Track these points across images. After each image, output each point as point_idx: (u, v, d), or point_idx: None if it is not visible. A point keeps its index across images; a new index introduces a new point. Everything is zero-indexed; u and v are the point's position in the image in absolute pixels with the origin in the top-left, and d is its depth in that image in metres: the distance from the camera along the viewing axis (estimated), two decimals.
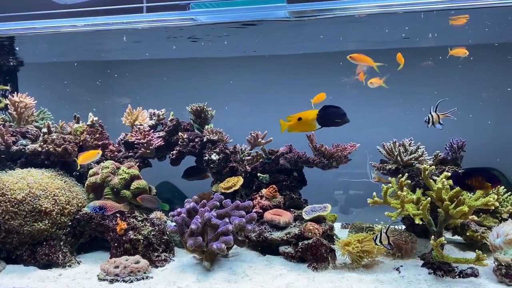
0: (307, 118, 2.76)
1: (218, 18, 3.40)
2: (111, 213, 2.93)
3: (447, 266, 2.60)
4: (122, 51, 5.22)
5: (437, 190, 2.61)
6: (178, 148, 3.60)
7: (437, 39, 4.45)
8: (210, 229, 2.79)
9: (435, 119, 2.77)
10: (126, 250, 2.85)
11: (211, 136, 3.57)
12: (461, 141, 3.25)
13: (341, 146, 3.33)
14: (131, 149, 3.64)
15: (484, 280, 2.53)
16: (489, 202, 2.47)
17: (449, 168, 3.16)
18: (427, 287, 2.46)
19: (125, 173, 3.15)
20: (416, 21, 4.00)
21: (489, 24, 4.08)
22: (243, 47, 4.93)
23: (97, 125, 3.68)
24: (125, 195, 3.09)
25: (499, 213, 3.01)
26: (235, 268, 2.75)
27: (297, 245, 2.83)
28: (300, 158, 3.33)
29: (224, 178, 3.47)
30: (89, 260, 3.02)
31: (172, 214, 2.88)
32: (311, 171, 3.47)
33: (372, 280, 2.56)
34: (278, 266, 2.79)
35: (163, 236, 3.00)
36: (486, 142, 4.22)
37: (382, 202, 2.73)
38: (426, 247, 3.04)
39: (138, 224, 2.94)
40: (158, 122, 3.85)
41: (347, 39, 4.54)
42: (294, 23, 3.79)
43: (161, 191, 4.01)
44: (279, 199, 3.23)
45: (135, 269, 2.62)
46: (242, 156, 3.55)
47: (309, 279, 2.58)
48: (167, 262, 2.90)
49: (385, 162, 3.32)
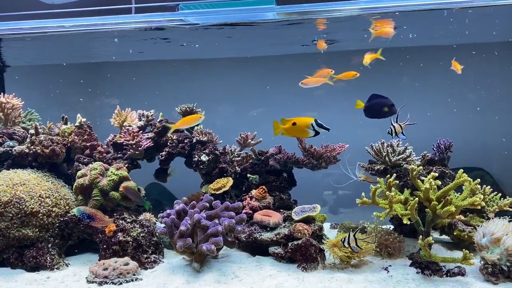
0: (302, 125, 2.77)
1: (207, 19, 3.40)
2: (97, 226, 2.87)
3: (434, 265, 2.63)
4: (110, 52, 5.18)
5: (424, 190, 2.64)
6: (167, 149, 3.59)
7: (421, 40, 4.51)
8: (199, 230, 2.79)
9: (397, 130, 2.79)
10: (115, 252, 2.83)
11: (200, 137, 3.56)
12: (448, 141, 3.29)
13: (330, 147, 3.35)
14: (120, 151, 3.62)
15: (471, 279, 2.56)
16: (476, 202, 2.50)
17: (437, 169, 3.19)
18: (415, 286, 2.49)
19: (113, 174, 3.13)
20: (405, 21, 4.05)
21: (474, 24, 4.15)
22: (233, 48, 4.93)
23: (86, 126, 3.65)
24: (113, 197, 3.07)
25: (486, 212, 3.05)
26: (225, 269, 2.75)
27: (287, 245, 2.84)
28: (289, 158, 3.34)
29: (213, 179, 3.46)
30: (77, 262, 3.00)
31: (162, 216, 2.87)
32: (300, 171, 3.49)
33: (361, 280, 2.58)
34: (268, 267, 2.80)
35: (152, 238, 2.98)
36: (471, 142, 4.28)
37: (370, 202, 2.75)
38: (414, 246, 3.07)
39: (127, 225, 2.93)
40: (147, 123, 3.83)
41: (338, 40, 4.56)
42: (283, 24, 3.81)
43: (150, 192, 4.00)
44: (268, 200, 3.23)
45: (124, 271, 2.61)
46: (231, 157, 3.55)
47: (299, 280, 2.60)
48: (157, 263, 2.89)
49: (373, 162, 3.35)
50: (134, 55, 5.30)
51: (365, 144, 3.35)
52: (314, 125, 2.73)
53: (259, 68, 5.09)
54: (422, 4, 3.13)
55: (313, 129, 2.73)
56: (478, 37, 4.45)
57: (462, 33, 4.38)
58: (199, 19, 3.35)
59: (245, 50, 5.00)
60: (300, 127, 2.77)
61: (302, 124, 2.76)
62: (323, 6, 3.03)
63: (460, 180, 2.59)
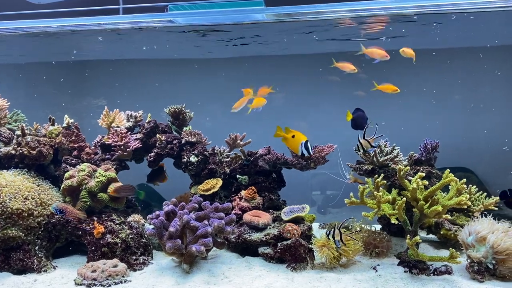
0: (297, 140, 3.07)
1: (195, 20, 3.40)
2: (69, 217, 2.92)
3: (422, 264, 2.66)
4: (98, 51, 5.14)
5: (412, 190, 2.67)
6: (156, 150, 3.58)
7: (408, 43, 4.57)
8: (189, 231, 2.78)
9: (365, 146, 2.96)
10: (104, 253, 2.81)
11: (189, 138, 3.56)
12: (435, 142, 3.34)
13: (319, 147, 3.37)
14: (108, 152, 3.59)
15: (457, 277, 2.60)
16: (462, 201, 2.54)
17: (423, 169, 3.24)
18: (403, 285, 2.52)
19: (102, 176, 3.11)
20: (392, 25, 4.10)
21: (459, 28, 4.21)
22: (222, 48, 4.92)
23: (73, 127, 3.62)
24: (102, 198, 3.05)
25: (471, 211, 3.10)
26: (214, 270, 2.75)
27: (276, 246, 2.85)
28: (278, 159, 3.35)
29: (203, 180, 3.46)
30: (65, 264, 2.97)
31: (150, 217, 2.86)
32: (289, 172, 3.50)
33: (350, 279, 2.60)
34: (257, 267, 2.81)
35: (141, 239, 2.97)
36: (456, 143, 4.34)
37: (359, 202, 2.78)
38: (401, 246, 3.11)
39: (115, 227, 2.92)
40: (136, 124, 3.81)
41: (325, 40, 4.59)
42: (273, 25, 3.83)
43: None
44: (258, 200, 3.24)
45: (113, 273, 2.59)
46: (221, 158, 3.56)
47: (288, 280, 2.61)
48: (146, 265, 2.88)
49: (361, 162, 3.38)
50: (122, 54, 5.27)
51: (353, 144, 3.38)
52: (303, 146, 3.03)
53: (248, 68, 5.10)
54: (410, 6, 3.17)
55: (301, 148, 3.03)
56: (465, 41, 4.53)
57: (447, 37, 4.45)
58: (188, 20, 3.34)
59: (234, 50, 5.00)
60: (296, 142, 3.07)
61: (297, 140, 3.06)
62: (311, 8, 3.04)
63: (447, 180, 2.63)
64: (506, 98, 4.43)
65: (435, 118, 4.61)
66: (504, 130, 4.05)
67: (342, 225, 2.63)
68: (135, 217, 3.27)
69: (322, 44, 4.64)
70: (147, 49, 4.87)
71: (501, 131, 4.44)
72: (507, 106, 4.07)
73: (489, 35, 4.30)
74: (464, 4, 3.29)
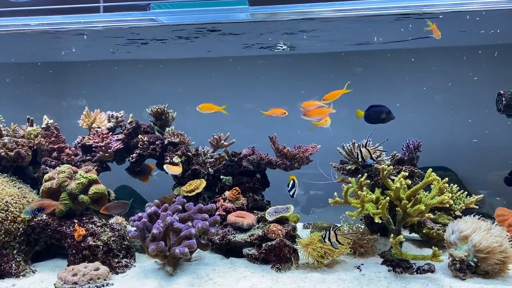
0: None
1: (179, 19, 3.36)
2: (49, 211, 2.85)
3: (405, 263, 2.69)
4: (79, 51, 5.05)
5: (395, 189, 2.69)
6: (138, 151, 3.53)
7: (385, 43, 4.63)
8: (172, 233, 2.75)
9: (365, 155, 2.91)
10: (85, 257, 2.76)
11: (172, 138, 3.52)
12: (417, 141, 3.37)
13: (303, 148, 3.38)
14: (89, 153, 3.53)
15: (440, 276, 2.63)
16: (445, 200, 2.57)
17: (406, 168, 3.26)
18: (387, 284, 2.53)
19: (82, 177, 3.05)
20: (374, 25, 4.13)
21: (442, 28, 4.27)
22: (205, 48, 4.90)
23: (53, 128, 3.54)
24: (83, 200, 2.98)
25: (453, 210, 3.14)
26: (199, 272, 2.72)
27: (261, 246, 2.84)
28: (262, 159, 3.34)
29: (186, 181, 3.43)
30: (45, 268, 2.90)
31: (133, 219, 2.82)
32: (272, 172, 3.50)
33: (334, 279, 2.61)
34: (242, 268, 2.79)
35: (123, 242, 2.92)
36: (437, 143, 4.40)
37: (343, 202, 2.78)
38: (385, 245, 3.13)
39: (97, 229, 2.86)
40: (117, 124, 3.76)
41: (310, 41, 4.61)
42: (255, 25, 3.82)
43: (120, 195, 3.90)
44: (242, 201, 3.22)
45: (94, 276, 2.54)
46: (204, 158, 3.52)
47: (273, 280, 2.60)
48: (128, 268, 2.83)
49: (345, 162, 3.39)
50: (102, 54, 5.19)
51: (336, 144, 3.40)
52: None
53: (231, 68, 5.08)
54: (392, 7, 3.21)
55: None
56: (448, 41, 4.59)
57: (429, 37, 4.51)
58: (171, 19, 3.31)
59: (217, 51, 4.98)
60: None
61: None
62: (295, 7, 3.04)
63: (429, 179, 2.65)
64: (483, 98, 4.50)
65: (415, 118, 4.67)
66: (482, 129, 4.13)
67: (337, 229, 2.64)
68: (117, 219, 3.22)
69: (310, 42, 4.66)
70: (130, 48, 4.81)
71: (479, 130, 4.52)
72: (485, 106, 4.14)
73: (468, 35, 4.37)
74: (442, 5, 3.34)
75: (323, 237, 2.65)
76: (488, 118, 4.15)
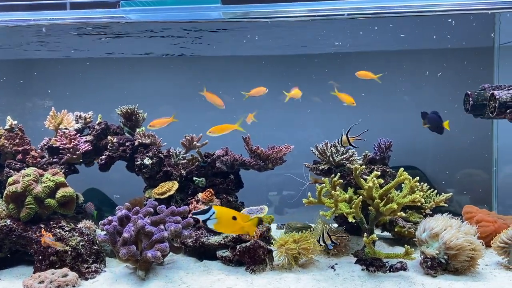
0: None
1: (149, 17, 3.29)
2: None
3: (378, 261, 2.71)
4: (43, 49, 4.87)
5: (368, 188, 2.71)
6: (108, 153, 3.43)
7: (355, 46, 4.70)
8: (144, 237, 2.68)
9: (344, 142, 2.97)
10: (52, 263, 2.65)
11: (143, 139, 3.44)
12: (388, 141, 3.42)
13: (277, 148, 3.37)
14: (56, 155, 3.41)
15: (412, 273, 2.67)
16: (416, 198, 2.62)
17: (378, 167, 3.31)
18: (360, 283, 2.55)
19: (49, 180, 2.93)
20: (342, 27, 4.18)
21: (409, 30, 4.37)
22: (177, 47, 4.82)
23: (17, 129, 3.40)
24: (50, 204, 2.87)
25: (424, 208, 3.20)
26: (172, 276, 2.67)
27: (235, 248, 2.81)
28: (236, 160, 3.31)
29: (157, 183, 3.36)
30: (9, 276, 2.77)
31: (103, 223, 2.73)
32: (245, 173, 3.47)
33: (309, 279, 2.61)
34: (216, 271, 2.75)
35: (93, 246, 2.83)
36: (405, 142, 4.49)
37: (316, 202, 2.79)
38: (357, 244, 3.15)
39: (65, 234, 2.76)
40: (85, 125, 3.65)
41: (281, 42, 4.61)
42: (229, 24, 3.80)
43: (89, 199, 3.79)
44: (216, 202, 3.19)
45: (62, 283, 2.45)
46: (176, 160, 3.46)
47: (248, 282, 2.57)
48: (98, 273, 2.75)
49: (318, 162, 3.40)
50: (69, 51, 5.03)
51: (309, 144, 3.41)
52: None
53: (202, 68, 5.02)
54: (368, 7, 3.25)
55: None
56: (415, 43, 4.70)
57: (398, 39, 4.60)
58: (141, 17, 3.23)
59: (189, 49, 4.91)
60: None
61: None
62: (269, 7, 3.03)
63: (401, 178, 2.69)
64: (448, 99, 4.62)
65: (384, 118, 4.74)
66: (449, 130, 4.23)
67: (328, 230, 2.68)
68: (86, 223, 3.13)
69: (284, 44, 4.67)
70: (100, 46, 4.68)
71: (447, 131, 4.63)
72: (451, 107, 4.25)
73: (435, 37, 4.48)
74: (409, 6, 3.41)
75: (318, 240, 2.70)
76: (453, 118, 4.28)
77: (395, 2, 3.30)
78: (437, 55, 4.71)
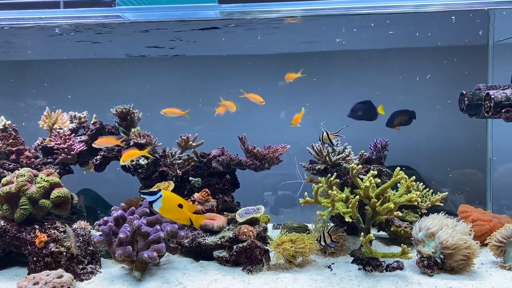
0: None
1: (145, 16, 3.27)
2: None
3: (375, 261, 2.71)
4: (39, 49, 4.84)
5: (364, 188, 2.71)
6: (103, 153, 3.41)
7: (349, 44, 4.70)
8: (140, 237, 2.66)
9: (324, 139, 3.00)
10: (47, 264, 2.62)
11: (138, 139, 3.42)
12: (384, 141, 3.43)
13: (273, 148, 3.36)
14: (50, 155, 3.38)
15: (408, 272, 2.67)
16: (413, 198, 2.62)
17: (374, 167, 3.31)
18: (357, 282, 2.55)
19: (44, 181, 2.90)
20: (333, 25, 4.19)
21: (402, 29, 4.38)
22: (172, 47, 4.80)
23: (11, 129, 3.37)
24: (44, 205, 2.84)
25: (419, 208, 3.21)
26: (168, 277, 2.65)
27: (232, 248, 2.80)
28: (232, 160, 3.30)
29: (153, 183, 3.34)
30: (3, 278, 2.74)
31: (98, 223, 2.71)
32: (241, 173, 3.46)
33: (306, 279, 2.60)
34: (212, 272, 2.74)
35: (88, 247, 2.81)
36: (400, 142, 4.50)
37: (313, 202, 2.79)
38: (354, 243, 3.16)
39: (60, 235, 2.73)
40: (80, 125, 3.62)
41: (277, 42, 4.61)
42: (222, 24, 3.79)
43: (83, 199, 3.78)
44: (212, 202, 3.17)
45: (57, 284, 2.42)
46: (172, 160, 3.44)
47: (245, 282, 2.56)
48: (94, 274, 2.72)
49: (314, 162, 3.40)
50: (63, 52, 5.00)
51: (305, 144, 3.41)
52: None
53: (196, 68, 5.00)
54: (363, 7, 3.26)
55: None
56: (409, 41, 4.71)
57: (392, 38, 4.61)
58: (137, 16, 3.21)
59: (188, 49, 4.90)
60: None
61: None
62: (266, 6, 3.02)
63: (398, 178, 2.69)
64: (444, 98, 4.64)
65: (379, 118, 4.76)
66: (443, 129, 4.24)
67: (330, 229, 2.68)
68: (81, 223, 3.10)
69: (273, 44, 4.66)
70: (94, 46, 4.65)
71: (441, 130, 4.65)
72: (447, 105, 4.26)
73: (430, 35, 4.50)
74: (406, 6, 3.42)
75: (318, 240, 2.71)
76: (448, 118, 4.29)
77: (387, 1, 3.30)
78: (431, 52, 4.72)
